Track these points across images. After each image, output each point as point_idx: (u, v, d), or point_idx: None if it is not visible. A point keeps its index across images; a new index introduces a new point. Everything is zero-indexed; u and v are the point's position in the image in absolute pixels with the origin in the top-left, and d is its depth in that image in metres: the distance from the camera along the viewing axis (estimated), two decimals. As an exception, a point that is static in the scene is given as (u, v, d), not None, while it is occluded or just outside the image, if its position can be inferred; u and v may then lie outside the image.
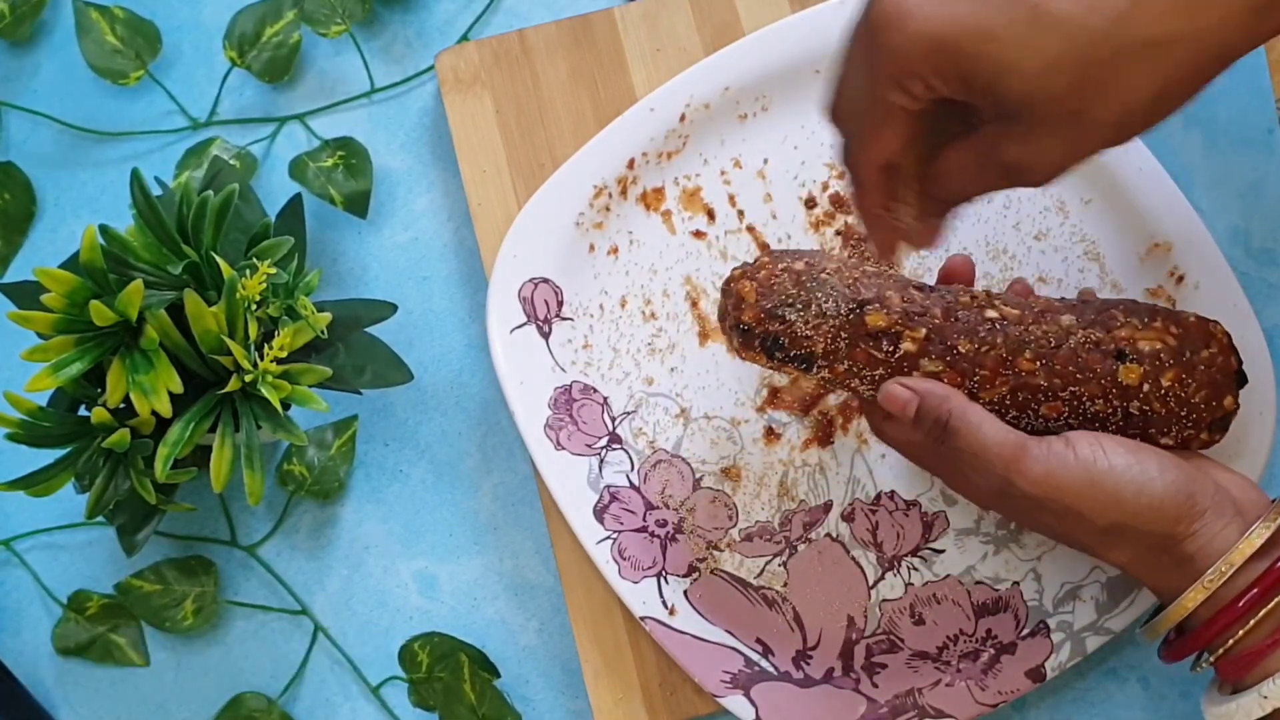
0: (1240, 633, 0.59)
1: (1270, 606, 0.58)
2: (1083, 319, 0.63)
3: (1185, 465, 0.61)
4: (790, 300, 0.62)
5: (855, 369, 0.62)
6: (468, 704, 0.70)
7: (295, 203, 0.70)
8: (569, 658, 0.72)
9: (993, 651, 0.69)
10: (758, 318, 0.62)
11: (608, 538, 0.69)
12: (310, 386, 0.64)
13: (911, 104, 0.56)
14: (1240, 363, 0.63)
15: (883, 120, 0.57)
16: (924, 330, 0.62)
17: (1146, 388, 0.62)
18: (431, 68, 0.77)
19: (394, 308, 0.70)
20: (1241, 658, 0.59)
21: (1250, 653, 0.59)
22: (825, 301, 0.62)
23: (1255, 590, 0.58)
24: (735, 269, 0.64)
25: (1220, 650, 0.59)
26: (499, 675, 0.71)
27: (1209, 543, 0.59)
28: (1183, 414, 0.62)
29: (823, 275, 0.63)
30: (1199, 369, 0.62)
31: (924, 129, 0.58)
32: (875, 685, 0.68)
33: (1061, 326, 0.62)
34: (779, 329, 0.62)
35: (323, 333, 0.65)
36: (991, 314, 0.62)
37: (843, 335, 0.62)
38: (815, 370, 0.63)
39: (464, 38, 0.77)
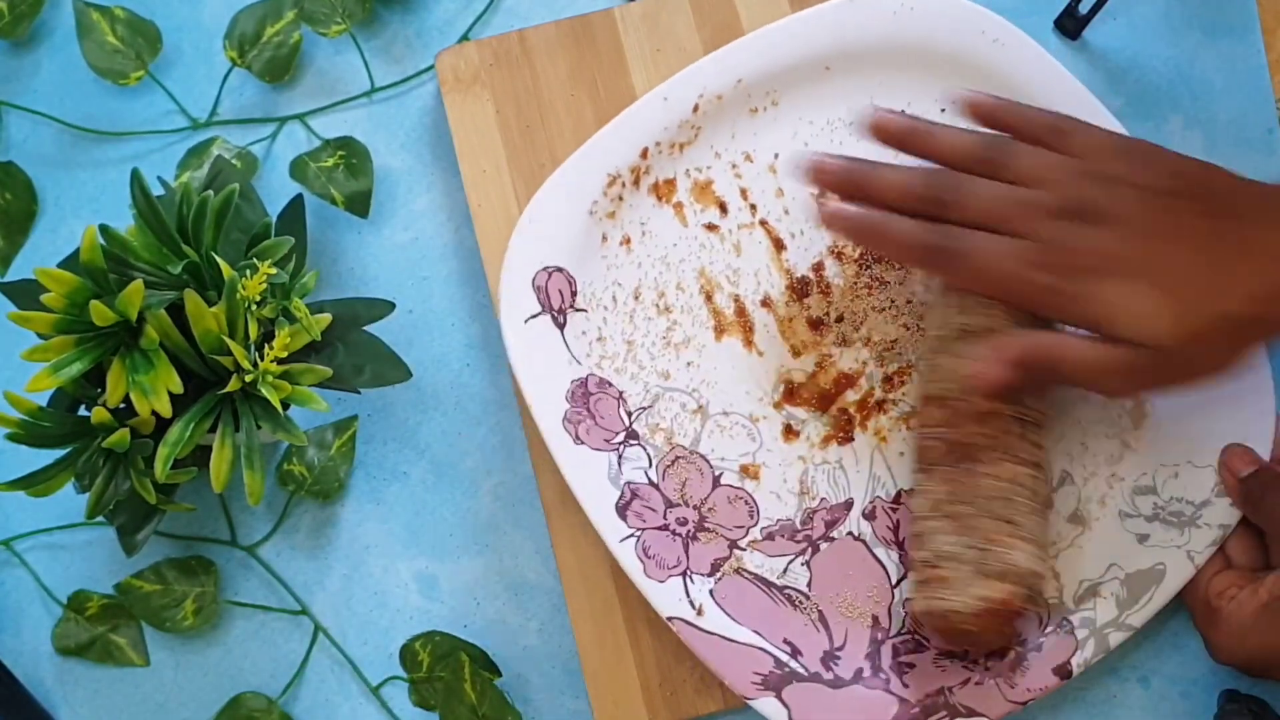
0: None
1: None
2: None
3: None
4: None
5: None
6: (468, 704, 0.70)
7: (296, 203, 0.70)
8: (569, 658, 0.72)
9: (1019, 649, 0.68)
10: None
11: (631, 535, 0.69)
12: (310, 386, 0.64)
13: None
14: None
15: None
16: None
17: None
18: (431, 68, 0.77)
19: (392, 305, 0.70)
20: None
21: None
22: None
23: None
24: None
25: None
26: (500, 674, 0.71)
27: None
28: None
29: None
30: None
31: None
32: (905, 685, 0.68)
33: None
34: None
35: (319, 335, 0.65)
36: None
37: None
38: None
39: (464, 38, 0.77)
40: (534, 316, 0.71)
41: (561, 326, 0.71)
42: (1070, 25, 0.76)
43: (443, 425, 0.74)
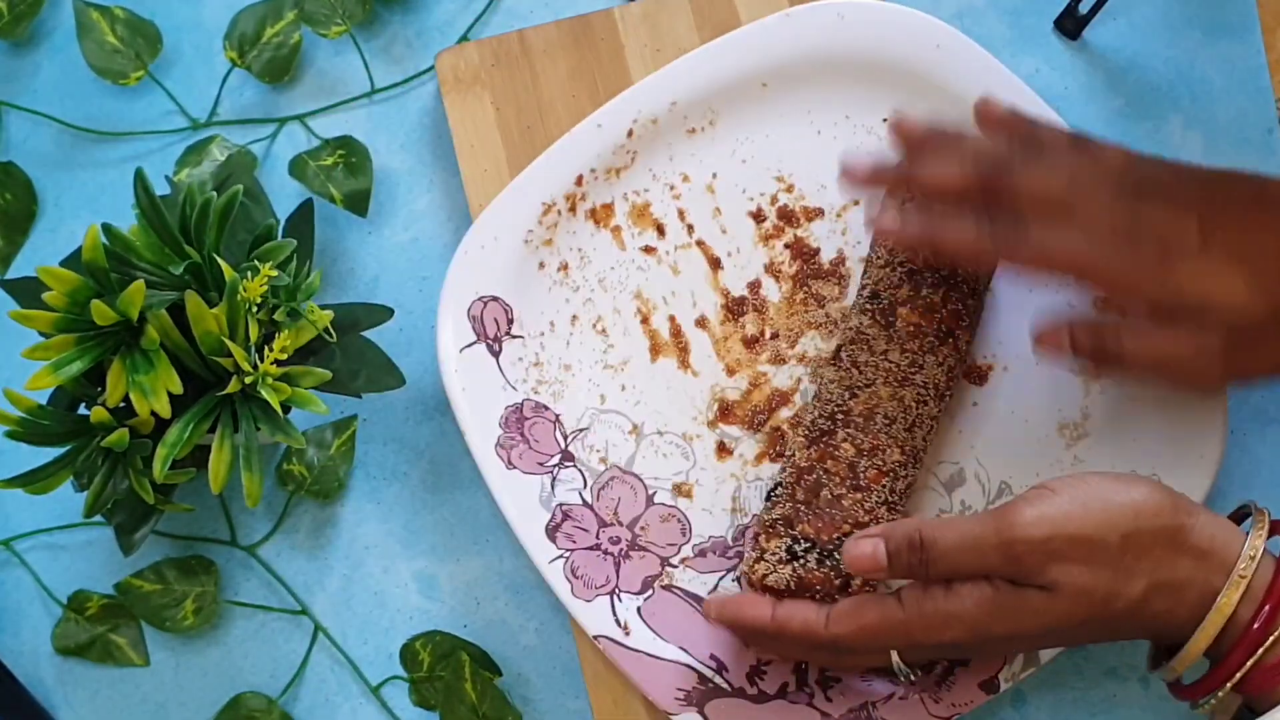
0: (1273, 637, 0.58)
1: None
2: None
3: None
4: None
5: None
6: (469, 703, 0.70)
7: (305, 207, 0.70)
8: (569, 658, 0.72)
9: (946, 664, 0.68)
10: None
11: (560, 556, 0.69)
12: (308, 389, 0.64)
13: None
14: None
15: None
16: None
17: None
18: (431, 68, 0.77)
19: (391, 312, 0.70)
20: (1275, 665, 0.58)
21: None
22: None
23: None
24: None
25: (1251, 663, 0.58)
26: (500, 674, 0.71)
27: (1217, 533, 0.60)
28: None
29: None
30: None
31: None
32: (829, 700, 0.68)
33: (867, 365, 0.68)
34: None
35: (328, 331, 0.65)
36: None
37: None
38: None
39: (464, 38, 0.78)
40: (469, 345, 0.71)
41: (497, 354, 0.71)
42: (1070, 25, 0.77)
43: (442, 425, 0.74)
